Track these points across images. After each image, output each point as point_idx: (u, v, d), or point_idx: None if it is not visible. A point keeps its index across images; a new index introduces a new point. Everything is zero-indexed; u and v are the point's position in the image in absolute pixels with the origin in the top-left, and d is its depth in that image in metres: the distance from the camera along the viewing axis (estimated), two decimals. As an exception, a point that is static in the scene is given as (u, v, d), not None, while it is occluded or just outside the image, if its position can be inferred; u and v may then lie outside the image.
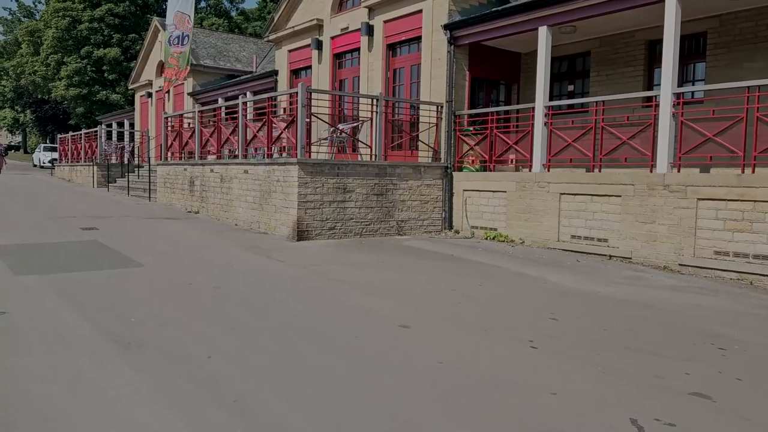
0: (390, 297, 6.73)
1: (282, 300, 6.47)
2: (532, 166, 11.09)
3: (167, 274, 7.68)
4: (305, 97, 10.79)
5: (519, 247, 10.68)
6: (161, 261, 8.54)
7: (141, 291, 6.69)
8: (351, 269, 8.37)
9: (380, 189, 11.69)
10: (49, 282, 6.96)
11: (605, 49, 12.32)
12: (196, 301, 6.29)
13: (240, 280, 7.47)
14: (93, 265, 8.12)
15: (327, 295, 6.77)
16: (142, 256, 8.73)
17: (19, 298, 6.24)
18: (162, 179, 16.53)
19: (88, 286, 6.79)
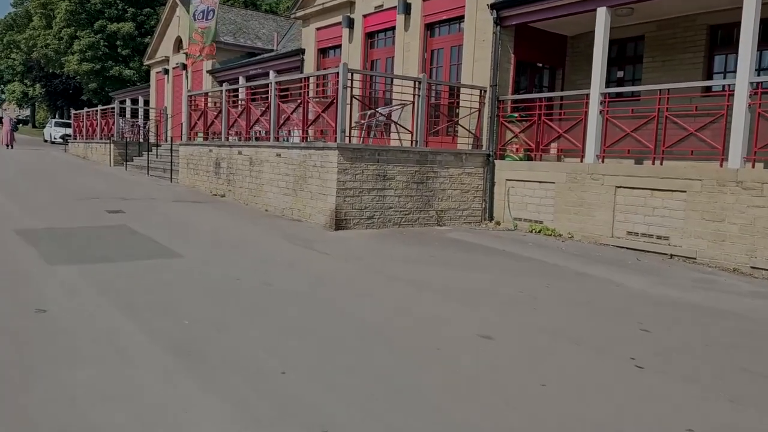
0: (456, 299, 6.18)
1: (342, 301, 5.93)
2: (585, 157, 10.46)
3: (210, 266, 7.14)
4: (347, 78, 10.17)
5: (569, 243, 10.10)
6: (200, 250, 8.00)
7: (187, 287, 6.15)
8: (403, 264, 7.82)
9: (420, 177, 11.09)
10: (86, 274, 6.43)
11: (662, 33, 11.62)
12: (250, 301, 5.75)
13: (289, 275, 6.92)
14: (128, 254, 7.58)
15: (388, 296, 6.22)
16: (178, 245, 8.19)
17: (59, 293, 5.71)
18: (185, 160, 15.96)
19: (129, 280, 6.26)
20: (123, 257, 7.37)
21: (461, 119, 11.96)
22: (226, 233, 9.61)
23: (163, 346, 4.43)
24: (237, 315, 5.28)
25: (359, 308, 5.72)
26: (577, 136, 10.70)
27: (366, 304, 5.89)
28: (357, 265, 7.63)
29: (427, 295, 6.31)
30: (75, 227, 9.23)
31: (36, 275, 6.33)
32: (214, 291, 6.03)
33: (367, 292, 6.36)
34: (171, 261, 7.29)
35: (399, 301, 6.06)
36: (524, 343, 4.97)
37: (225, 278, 6.56)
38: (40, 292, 5.74)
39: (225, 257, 7.77)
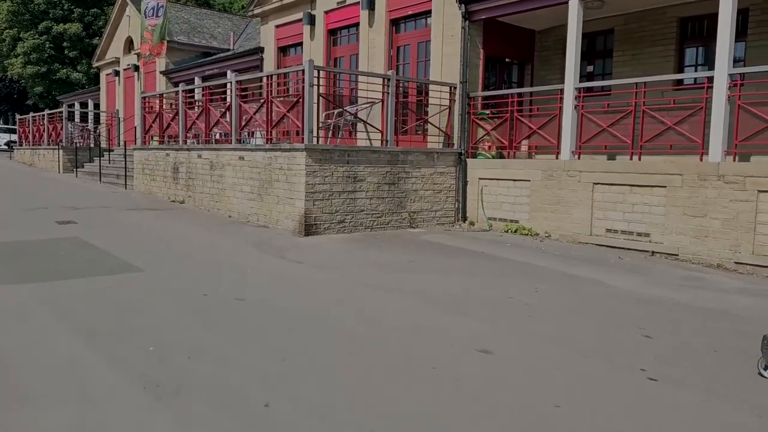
0: (446, 308, 5.78)
1: (324, 316, 5.45)
2: (560, 153, 10.20)
3: (175, 281, 6.56)
4: (313, 76, 9.67)
5: (548, 242, 9.82)
6: (162, 263, 7.40)
7: (152, 306, 5.58)
8: (383, 272, 7.37)
9: (392, 178, 10.67)
10: (39, 294, 5.79)
11: (631, 27, 11.47)
12: (223, 320, 5.22)
13: (263, 288, 6.40)
14: (83, 270, 6.94)
15: (374, 308, 5.77)
16: (137, 258, 7.57)
17: (8, 318, 5.08)
18: (140, 165, 15.18)
19: (87, 300, 5.65)
20: (78, 273, 6.72)
21: (431, 117, 11.58)
22: (189, 243, 9.01)
23: (130, 379, 3.89)
24: (210, 337, 4.75)
25: (344, 323, 5.25)
26: (552, 132, 10.44)
27: (351, 317, 5.43)
28: (335, 275, 7.15)
29: (415, 305, 5.88)
30: (23, 240, 8.50)
31: (-22, 298, 5.67)
32: (181, 310, 5.48)
33: (350, 304, 5.90)
34: (130, 276, 6.69)
35: (386, 312, 5.61)
36: (527, 356, 4.59)
37: (192, 294, 6.01)
38: (-17, 318, 5.10)
39: (189, 270, 7.19)
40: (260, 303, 5.78)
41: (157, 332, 4.82)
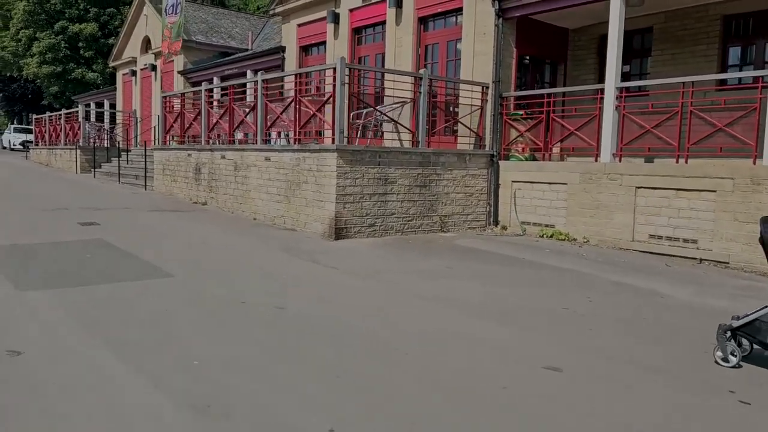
0: (498, 320, 5.40)
1: (372, 328, 5.09)
2: (599, 156, 9.80)
3: (207, 287, 6.23)
4: (344, 74, 9.33)
5: (587, 248, 9.42)
6: (192, 268, 7.07)
7: (186, 315, 5.24)
8: (423, 279, 7.01)
9: (423, 180, 10.31)
10: (64, 301, 5.47)
11: (671, 25, 11.06)
12: (264, 331, 4.87)
13: (301, 296, 6.05)
14: (109, 274, 6.62)
15: (422, 320, 5.40)
16: (165, 262, 7.25)
17: (33, 328, 4.76)
18: (160, 166, 14.90)
19: (116, 308, 5.33)
20: (104, 278, 6.40)
21: (462, 118, 11.20)
22: (216, 246, 8.68)
23: (173, 398, 3.54)
24: (255, 351, 4.40)
25: (395, 339, 4.89)
26: (590, 133, 10.04)
27: (400, 331, 5.06)
28: (373, 282, 6.79)
29: (465, 317, 5.51)
30: (45, 243, 8.20)
31: (4, 305, 5.35)
32: (219, 319, 5.14)
33: (395, 315, 5.53)
34: (161, 282, 6.36)
35: (435, 325, 5.24)
36: (598, 375, 4.20)
37: (228, 302, 5.67)
38: (9, 327, 4.78)
39: (221, 275, 6.86)
40: (301, 313, 5.43)
41: (195, 344, 4.48)
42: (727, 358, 4.45)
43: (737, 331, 4.47)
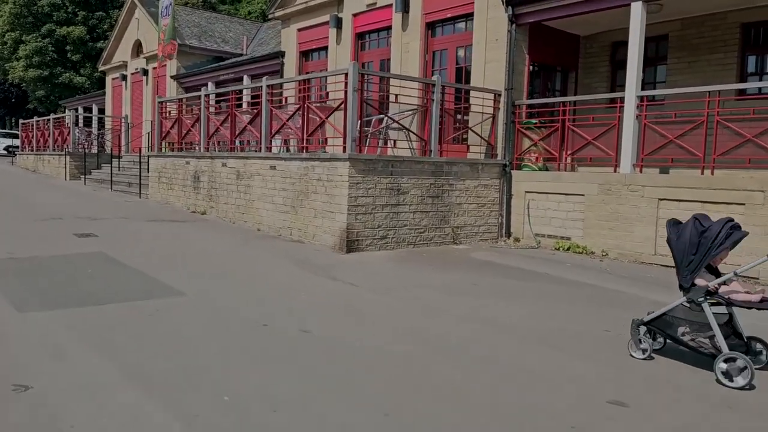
0: (539, 342, 5.04)
1: (408, 356, 4.69)
2: (619, 166, 9.51)
3: (224, 307, 5.80)
4: (357, 80, 8.96)
5: (608, 262, 9.10)
6: (203, 285, 6.63)
7: (208, 340, 4.82)
8: (448, 296, 6.62)
9: (436, 190, 9.95)
10: (72, 324, 5.03)
11: (688, 33, 10.81)
12: (294, 359, 4.46)
13: (325, 317, 5.64)
14: (117, 292, 6.17)
15: (457, 344, 5.01)
16: (173, 278, 6.81)
17: (41, 356, 4.32)
18: (156, 173, 14.42)
19: (130, 332, 4.89)
20: (112, 297, 5.95)
21: (474, 126, 10.85)
22: (225, 260, 8.25)
23: (210, 445, 3.13)
24: (289, 384, 3.99)
25: (433, 365, 4.49)
26: (607, 143, 9.74)
27: (438, 357, 4.66)
28: (397, 301, 6.39)
29: (500, 339, 5.14)
30: (42, 256, 7.73)
31: (5, 329, 4.89)
32: (243, 345, 4.72)
33: (430, 339, 5.14)
34: (173, 302, 5.93)
35: (474, 350, 4.86)
36: (665, 410, 3.84)
37: (249, 324, 5.25)
38: (14, 355, 4.33)
39: (236, 292, 6.43)
40: (330, 337, 5.02)
41: (223, 375, 4.06)
42: (639, 351, 4.78)
43: (648, 325, 4.77)
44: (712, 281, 4.48)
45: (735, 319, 4.57)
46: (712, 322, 4.39)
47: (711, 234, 4.43)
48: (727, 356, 4.27)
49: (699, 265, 4.48)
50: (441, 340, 5.09)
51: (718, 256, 4.51)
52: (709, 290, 4.45)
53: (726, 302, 4.45)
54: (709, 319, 4.40)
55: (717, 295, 4.46)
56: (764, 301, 4.42)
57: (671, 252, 4.67)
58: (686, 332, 4.58)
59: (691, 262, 4.51)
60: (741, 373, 4.20)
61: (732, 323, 4.57)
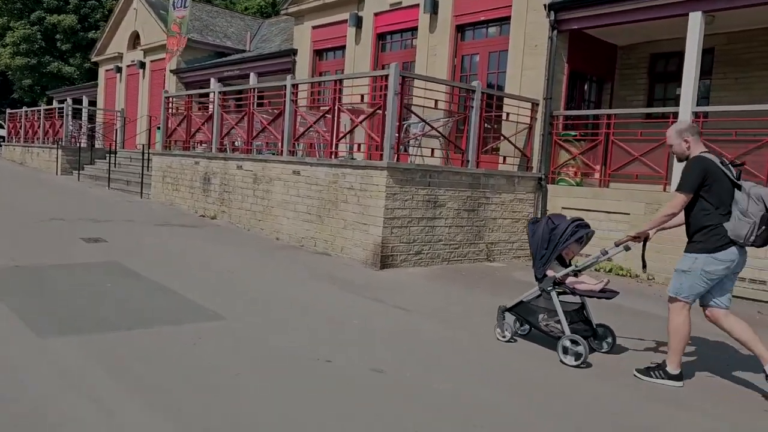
0: (653, 397, 4.41)
1: (513, 411, 4.03)
2: (670, 185, 8.95)
3: (272, 336, 5.09)
4: (398, 82, 8.30)
5: (656, 287, 8.54)
6: (241, 306, 5.91)
7: (267, 383, 4.11)
8: (512, 327, 5.97)
9: (472, 204, 9.31)
10: (101, 355, 4.30)
11: (736, 47, 10.31)
12: (382, 410, 3.77)
13: (392, 353, 4.94)
14: (145, 315, 5.43)
15: (560, 393, 4.37)
16: (205, 296, 6.09)
17: (73, 399, 3.58)
18: (160, 172, 13.60)
19: (172, 371, 4.17)
20: (141, 321, 5.22)
21: (511, 137, 10.23)
22: (252, 274, 7.52)
23: None
24: (388, 448, 3.31)
25: (548, 424, 3.85)
26: (656, 160, 9.18)
27: (547, 413, 4.02)
28: (460, 331, 5.73)
29: (605, 386, 4.50)
30: (51, 265, 6.95)
31: (24, 358, 4.15)
32: (306, 386, 4.02)
33: (522, 383, 4.49)
34: (212, 327, 5.21)
35: (585, 405, 4.22)
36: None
37: (310, 361, 4.54)
38: (39, 397, 3.59)
39: (277, 317, 5.72)
40: (407, 379, 4.34)
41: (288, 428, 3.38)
42: (502, 334, 5.38)
43: (510, 312, 5.36)
44: (559, 273, 5.04)
45: (587, 308, 5.24)
46: (557, 308, 4.98)
47: (559, 231, 5.04)
48: (568, 338, 4.85)
49: (549, 258, 5.06)
50: (524, 382, 4.43)
51: (567, 250, 5.16)
52: (556, 280, 5.01)
53: (571, 291, 5.03)
54: (555, 306, 4.99)
55: (564, 285, 5.04)
56: (605, 291, 5.03)
57: (529, 247, 5.32)
58: (543, 319, 5.15)
59: (543, 256, 5.09)
60: (582, 352, 4.75)
61: (584, 312, 5.24)
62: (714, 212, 4.33)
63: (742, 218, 4.24)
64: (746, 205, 4.25)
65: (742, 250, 4.37)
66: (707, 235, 4.37)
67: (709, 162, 4.33)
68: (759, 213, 4.22)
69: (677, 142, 4.55)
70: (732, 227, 4.27)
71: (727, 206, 4.32)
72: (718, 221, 4.31)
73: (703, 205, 4.37)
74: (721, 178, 4.32)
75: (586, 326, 5.17)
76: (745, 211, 4.24)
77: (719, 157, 4.44)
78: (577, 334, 4.87)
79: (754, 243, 4.28)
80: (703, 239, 4.39)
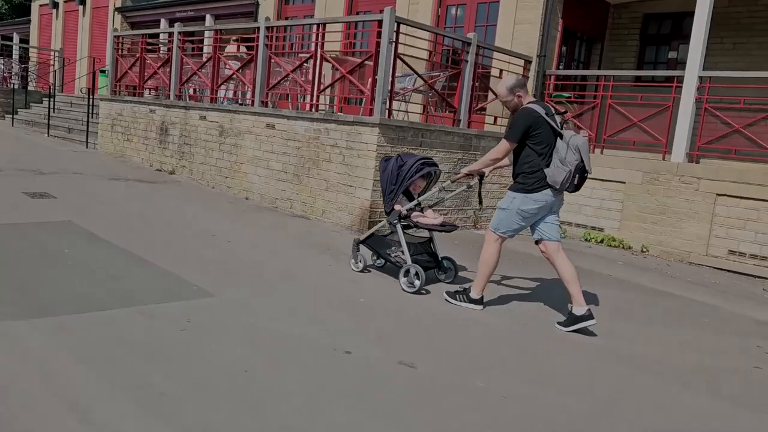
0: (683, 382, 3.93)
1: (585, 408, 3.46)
2: (669, 153, 8.54)
3: (271, 319, 4.34)
4: (393, 30, 7.46)
5: (652, 260, 8.18)
6: (226, 280, 5.11)
7: (281, 378, 3.39)
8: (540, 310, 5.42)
9: (462, 166, 8.66)
10: (71, 346, 3.46)
11: (737, 11, 9.89)
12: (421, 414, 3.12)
13: (416, 342, 4.28)
14: (115, 290, 4.57)
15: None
16: (181, 265, 5.26)
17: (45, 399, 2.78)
18: (109, 120, 12.33)
19: (166, 364, 3.39)
20: (117, 296, 4.37)
21: (502, 95, 9.53)
22: (230, 238, 6.66)
23: None
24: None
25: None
26: (656, 127, 8.73)
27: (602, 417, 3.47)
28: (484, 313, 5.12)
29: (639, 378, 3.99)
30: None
31: (-20, 355, 3.28)
32: (335, 387, 3.33)
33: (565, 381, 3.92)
34: (200, 305, 4.41)
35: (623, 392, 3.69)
36: None
37: (326, 351, 3.83)
38: (10, 410, 2.78)
39: (279, 296, 4.96)
40: (441, 377, 3.70)
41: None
42: (356, 265, 5.80)
43: (362, 244, 5.75)
44: (405, 207, 5.42)
45: (434, 242, 5.75)
46: (401, 239, 5.41)
47: (406, 167, 5.34)
48: (408, 267, 5.27)
49: (396, 193, 5.41)
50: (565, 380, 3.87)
51: (414, 186, 5.52)
52: (401, 214, 5.40)
53: (414, 225, 5.47)
54: (399, 237, 5.42)
55: (408, 219, 5.44)
56: (445, 225, 5.57)
57: (381, 183, 5.59)
58: (391, 251, 5.53)
59: (391, 191, 5.43)
60: (417, 280, 5.19)
61: (431, 245, 5.73)
62: (536, 158, 4.63)
63: (560, 166, 4.56)
64: (565, 154, 4.55)
65: (557, 193, 4.70)
66: (527, 177, 4.67)
67: (535, 113, 4.60)
68: (575, 162, 4.54)
69: (510, 98, 4.80)
70: (551, 173, 4.57)
71: (548, 154, 4.61)
72: (539, 166, 4.61)
73: (527, 151, 4.67)
74: (545, 128, 4.59)
75: (430, 258, 5.65)
76: (564, 160, 4.55)
77: (546, 108, 4.71)
78: (419, 264, 5.27)
79: (568, 189, 4.66)
80: (523, 181, 4.70)
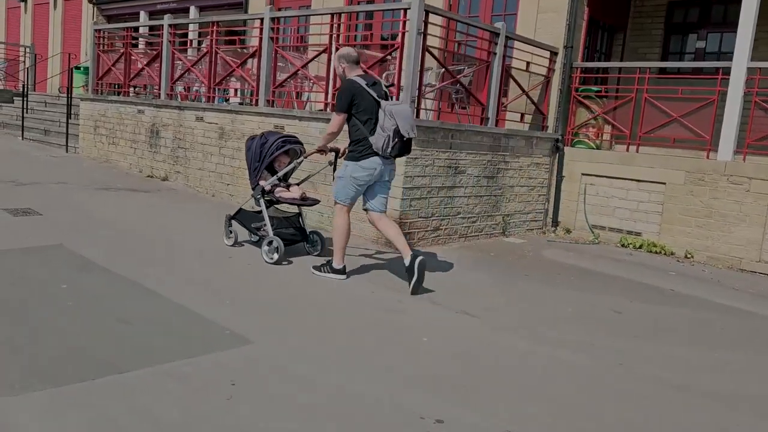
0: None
1: None
2: (714, 151, 7.89)
3: (322, 372, 3.54)
4: (422, 19, 6.65)
5: (699, 267, 7.53)
6: (263, 319, 4.29)
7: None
8: (614, 338, 4.68)
9: (492, 169, 7.94)
10: (84, 429, 2.64)
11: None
12: None
13: (503, 389, 3.52)
14: (128, 338, 3.73)
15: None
16: (204, 301, 4.42)
17: None
18: (91, 122, 11.31)
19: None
20: (134, 352, 3.52)
21: (529, 91, 8.81)
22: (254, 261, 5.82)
23: None
24: None
25: None
26: (699, 123, 8.07)
27: None
28: (550, 344, 4.37)
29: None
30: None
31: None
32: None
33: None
34: (239, 357, 3.59)
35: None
36: None
37: (413, 418, 3.05)
38: None
39: (331, 338, 4.16)
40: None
41: None
42: (227, 239, 6.05)
43: (233, 219, 5.99)
44: (268, 182, 5.66)
45: (302, 217, 6.04)
46: (264, 213, 5.63)
47: (268, 144, 5.57)
48: (269, 239, 5.51)
49: (260, 170, 5.63)
50: None
51: (279, 162, 5.74)
52: (264, 189, 5.64)
53: (276, 200, 5.74)
54: (263, 212, 5.63)
55: (271, 194, 5.68)
56: (305, 199, 5.81)
57: (246, 161, 5.79)
58: (259, 225, 5.78)
59: (256, 168, 5.64)
60: (277, 252, 5.45)
61: (299, 220, 6.02)
62: (362, 127, 4.93)
63: (380, 132, 4.85)
64: (383, 121, 4.84)
65: (387, 161, 5.02)
66: (356, 146, 4.98)
67: (356, 84, 4.90)
68: (392, 127, 4.83)
69: (336, 65, 5.19)
70: (374, 140, 4.88)
71: (372, 122, 4.89)
72: (364, 135, 4.92)
73: (353, 121, 4.99)
74: (367, 98, 4.88)
75: (296, 232, 5.94)
76: (383, 126, 4.84)
77: (367, 79, 5.01)
78: (282, 237, 5.56)
79: (391, 154, 4.95)
80: (353, 150, 5.01)
